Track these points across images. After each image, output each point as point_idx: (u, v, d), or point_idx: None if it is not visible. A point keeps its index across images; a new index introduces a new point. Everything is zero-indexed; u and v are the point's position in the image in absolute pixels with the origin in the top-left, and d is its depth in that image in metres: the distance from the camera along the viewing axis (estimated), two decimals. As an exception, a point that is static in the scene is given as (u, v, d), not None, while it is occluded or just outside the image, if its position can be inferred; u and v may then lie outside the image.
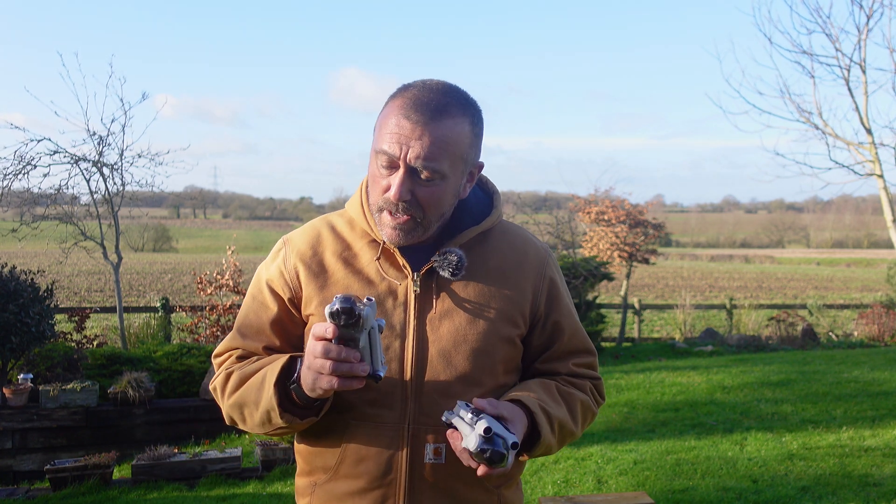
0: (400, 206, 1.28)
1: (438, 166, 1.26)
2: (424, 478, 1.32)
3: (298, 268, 1.38)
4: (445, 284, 1.36)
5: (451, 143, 1.27)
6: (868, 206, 72.22)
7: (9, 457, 5.95)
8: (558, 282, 1.45)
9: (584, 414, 1.44)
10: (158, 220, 62.71)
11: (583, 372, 1.46)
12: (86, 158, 8.17)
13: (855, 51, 8.71)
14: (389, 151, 1.26)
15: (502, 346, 1.36)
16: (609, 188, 12.96)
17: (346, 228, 1.42)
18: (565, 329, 1.44)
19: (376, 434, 1.32)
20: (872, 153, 8.82)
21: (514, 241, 1.44)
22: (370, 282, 1.36)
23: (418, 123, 1.25)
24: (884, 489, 4.19)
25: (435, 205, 1.30)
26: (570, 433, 1.40)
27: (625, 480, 4.52)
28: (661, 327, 14.64)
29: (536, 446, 1.32)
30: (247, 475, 5.12)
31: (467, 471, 1.27)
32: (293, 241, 1.43)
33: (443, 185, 1.29)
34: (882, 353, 9.32)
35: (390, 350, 1.32)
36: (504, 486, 1.41)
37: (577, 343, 1.46)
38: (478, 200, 1.45)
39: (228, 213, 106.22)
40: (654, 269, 24.69)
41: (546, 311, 1.42)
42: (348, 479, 1.34)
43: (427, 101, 1.26)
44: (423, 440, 1.32)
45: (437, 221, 1.34)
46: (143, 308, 10.49)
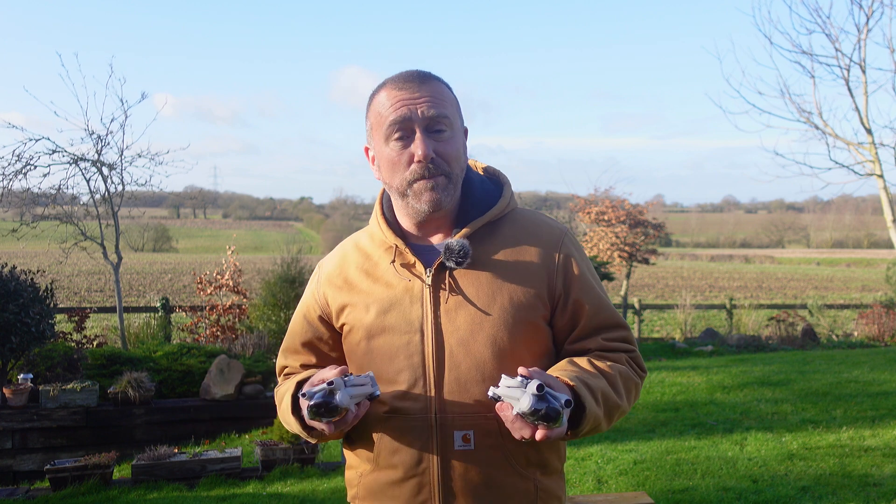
0: (430, 167, 1.36)
1: (447, 112, 1.38)
2: (456, 466, 1.36)
3: (326, 290, 1.52)
4: (457, 276, 1.40)
5: (445, 96, 1.40)
6: (868, 206, 72.22)
7: (9, 457, 5.95)
8: (576, 260, 1.45)
9: (627, 385, 1.41)
10: (158, 220, 62.74)
11: (615, 346, 1.45)
12: (85, 158, 8.17)
13: (855, 51, 8.72)
14: (401, 117, 1.35)
15: (521, 330, 1.38)
16: (609, 188, 13.01)
17: (368, 242, 1.52)
18: (587, 306, 1.43)
19: (406, 426, 1.37)
20: (872, 153, 8.82)
21: (526, 226, 1.46)
22: (389, 284, 1.43)
23: (413, 88, 1.37)
24: (884, 489, 4.19)
25: (455, 157, 1.39)
26: (616, 406, 1.37)
27: (625, 480, 4.52)
28: (661, 327, 14.64)
29: (583, 420, 1.29)
30: (247, 475, 5.12)
31: (498, 456, 1.35)
32: (324, 266, 1.58)
33: (454, 138, 1.39)
34: (882, 353, 9.32)
35: (411, 345, 1.39)
36: (542, 473, 1.42)
37: (604, 318, 1.45)
38: (486, 192, 1.49)
39: (228, 213, 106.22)
40: (654, 269, 24.69)
41: (565, 290, 1.42)
42: (387, 469, 1.40)
43: (409, 74, 1.40)
44: (451, 428, 1.36)
45: (460, 178, 1.42)
46: (143, 308, 10.50)
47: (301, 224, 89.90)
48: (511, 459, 1.38)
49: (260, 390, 6.45)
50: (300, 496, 4.58)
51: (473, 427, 1.35)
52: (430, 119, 1.35)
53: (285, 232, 71.03)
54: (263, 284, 8.70)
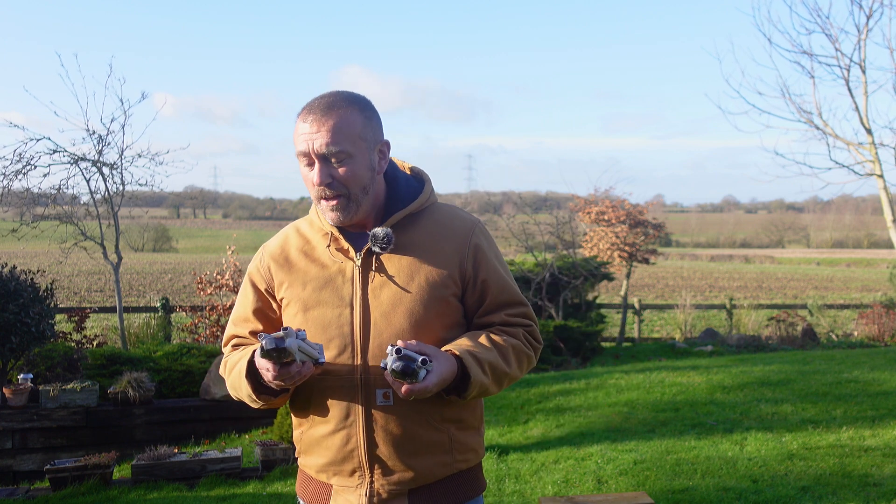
0: (326, 190, 1.59)
1: (341, 147, 1.57)
2: (378, 419, 1.60)
3: (270, 264, 1.73)
4: (382, 260, 1.64)
5: (344, 128, 1.58)
6: (868, 206, 72.20)
7: (9, 457, 5.95)
8: (484, 247, 1.69)
9: (518, 356, 1.67)
10: (158, 220, 62.69)
11: (515, 321, 1.70)
12: (85, 158, 8.17)
13: (855, 51, 8.74)
14: (303, 150, 1.59)
15: (435, 305, 1.62)
16: (609, 188, 12.96)
17: (308, 228, 1.76)
18: (492, 285, 1.68)
19: (336, 385, 1.61)
20: (872, 153, 8.83)
21: (442, 218, 1.71)
22: (324, 265, 1.67)
23: (314, 121, 1.58)
24: (884, 489, 4.19)
25: (353, 179, 1.60)
26: (505, 373, 1.63)
27: (625, 480, 4.52)
28: (661, 327, 14.64)
29: (469, 386, 1.55)
30: (247, 475, 5.12)
31: (416, 412, 1.59)
32: (268, 245, 1.79)
33: (352, 163, 1.59)
34: (882, 353, 9.31)
35: (342, 317, 1.62)
36: (457, 428, 1.65)
37: (506, 296, 1.69)
38: (410, 188, 1.72)
39: (228, 213, 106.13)
40: (654, 269, 24.69)
41: (474, 272, 1.67)
42: (321, 425, 1.64)
43: (318, 104, 1.60)
44: (374, 387, 1.59)
45: (365, 196, 1.63)
46: (143, 308, 10.49)
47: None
48: (426, 415, 1.60)
49: (260, 390, 6.44)
50: (300, 496, 4.58)
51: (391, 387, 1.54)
52: (324, 154, 1.57)
53: (285, 232, 70.83)
54: (263, 284, 8.68)
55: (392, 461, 1.60)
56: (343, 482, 1.64)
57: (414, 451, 1.61)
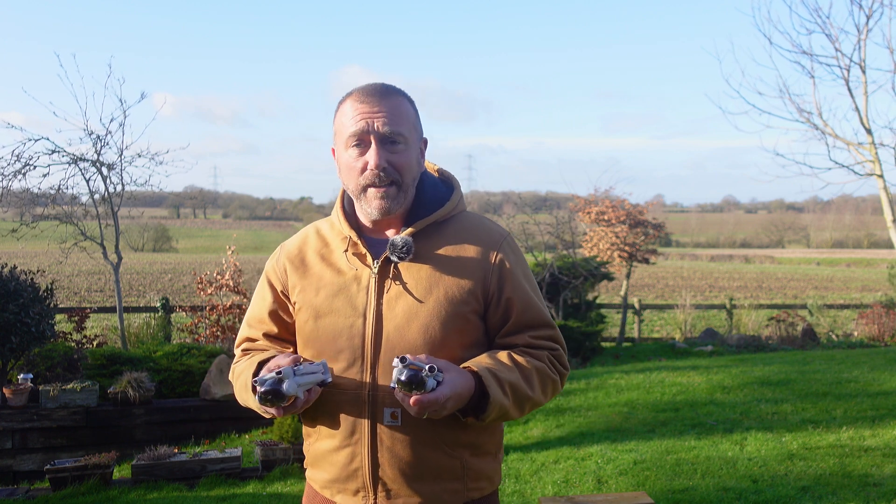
0: (381, 176, 1.49)
1: (401, 129, 1.50)
2: (384, 439, 1.50)
3: (286, 265, 1.64)
4: (401, 269, 1.53)
5: (402, 112, 1.52)
6: (868, 206, 72.21)
7: (9, 457, 5.95)
8: (511, 262, 1.58)
9: (543, 380, 1.54)
10: (158, 220, 62.72)
11: (540, 343, 1.58)
12: (85, 158, 8.17)
13: (855, 51, 8.73)
14: (359, 129, 1.48)
15: (453, 322, 1.50)
16: (609, 188, 12.95)
17: (327, 230, 1.66)
18: (517, 304, 1.56)
19: (343, 400, 1.52)
20: (872, 153, 8.82)
21: (469, 228, 1.60)
22: (340, 271, 1.58)
23: (373, 102, 1.49)
24: (884, 489, 4.18)
25: (407, 168, 1.52)
26: (527, 397, 1.51)
27: (625, 480, 4.52)
28: (661, 327, 14.63)
29: (488, 406, 1.44)
30: (247, 475, 5.12)
31: (427, 434, 1.48)
32: (286, 245, 1.70)
33: (407, 151, 1.52)
34: (882, 353, 9.31)
35: (353, 328, 1.52)
36: (472, 454, 1.54)
37: (531, 317, 1.57)
38: (437, 193, 1.62)
39: (228, 213, 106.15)
40: (654, 269, 24.69)
41: (498, 290, 1.55)
42: (327, 439, 1.56)
43: (374, 88, 1.53)
44: (382, 405, 1.49)
45: (412, 186, 1.55)
46: (143, 308, 10.49)
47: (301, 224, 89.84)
48: (438, 438, 1.50)
49: (260, 390, 6.44)
50: (300, 496, 4.58)
51: (401, 406, 1.45)
52: (384, 133, 1.48)
53: (285, 232, 71.00)
54: (263, 284, 8.67)
55: (397, 485, 1.51)
56: (347, 500, 1.56)
57: (421, 476, 1.50)
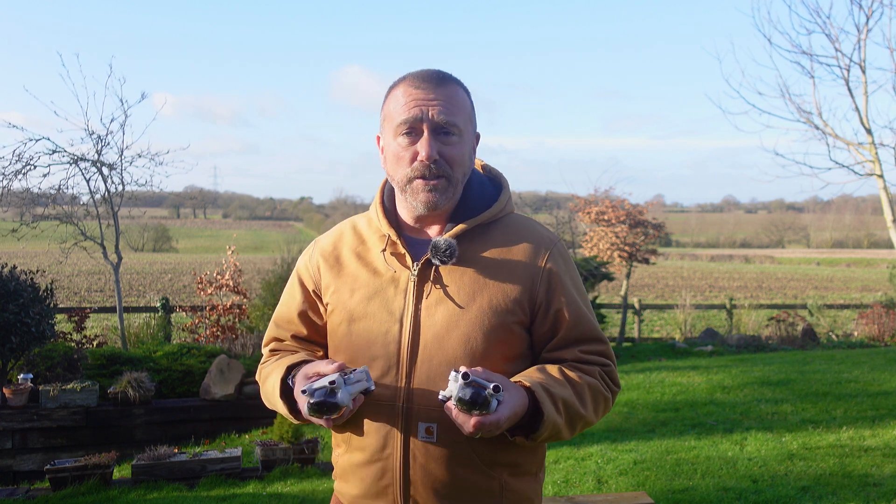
0: (432, 168, 1.38)
1: (456, 120, 1.39)
2: (417, 455, 1.39)
3: (319, 262, 1.55)
4: (442, 273, 1.43)
5: (459, 102, 1.42)
6: (868, 206, 72.18)
7: (9, 457, 5.95)
8: (561, 271, 1.46)
9: (595, 398, 1.42)
10: (158, 220, 62.71)
11: (591, 359, 1.46)
12: (85, 158, 8.17)
13: (855, 51, 8.72)
14: (412, 117, 1.38)
15: (497, 333, 1.39)
16: (609, 188, 12.96)
17: (365, 226, 1.55)
18: (567, 317, 1.44)
19: (375, 411, 1.41)
20: (872, 153, 8.82)
21: (518, 232, 1.48)
22: (376, 271, 1.47)
23: (430, 89, 1.39)
24: (884, 489, 4.19)
25: (459, 162, 1.41)
26: (580, 416, 1.39)
27: (625, 480, 4.52)
28: (661, 327, 14.63)
29: (542, 424, 1.32)
30: (247, 475, 5.12)
31: (464, 452, 1.37)
32: (321, 241, 1.60)
33: (461, 143, 1.41)
34: (882, 353, 9.31)
35: (389, 334, 1.42)
36: (511, 474, 1.43)
37: (582, 331, 1.46)
38: (484, 193, 1.51)
39: (228, 213, 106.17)
40: (654, 269, 24.69)
41: (546, 300, 1.44)
42: (357, 451, 1.45)
43: (430, 74, 1.42)
44: (416, 419, 1.38)
45: (462, 182, 1.44)
46: (143, 308, 10.49)
47: (301, 224, 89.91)
48: (477, 457, 1.39)
49: (260, 390, 6.44)
50: (300, 496, 4.58)
51: (438, 421, 1.36)
52: (439, 123, 1.38)
53: (285, 232, 70.99)
54: (263, 284, 8.70)
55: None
56: None
57: (457, 497, 1.40)
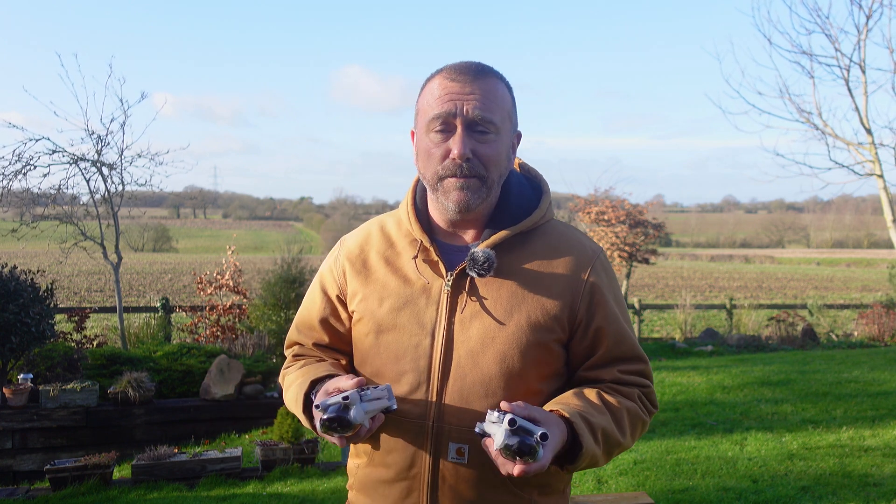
0: (464, 166, 1.30)
1: (493, 117, 1.31)
2: (447, 476, 1.32)
3: (345, 266, 1.46)
4: (478, 285, 1.34)
5: (498, 97, 1.33)
6: (868, 206, 72.24)
7: (9, 457, 5.95)
8: (604, 286, 1.38)
9: (633, 423, 1.37)
10: (158, 220, 62.75)
11: (630, 379, 1.39)
12: (85, 158, 8.18)
13: (854, 51, 8.73)
14: (445, 111, 1.30)
15: (533, 351, 1.32)
16: (609, 188, 12.97)
17: (394, 228, 1.46)
18: (609, 335, 1.37)
19: (403, 428, 1.34)
20: (872, 153, 8.83)
21: (558, 244, 1.40)
22: (407, 279, 1.38)
23: (466, 82, 1.30)
24: (884, 489, 4.19)
25: (495, 161, 1.32)
26: (617, 443, 1.33)
27: (625, 480, 4.52)
28: (661, 327, 14.63)
29: (580, 457, 1.26)
30: (247, 475, 5.12)
31: (493, 475, 1.26)
32: (346, 242, 1.51)
33: (498, 141, 1.32)
34: (882, 353, 9.32)
35: (419, 348, 1.34)
36: (541, 493, 1.37)
37: (623, 350, 1.39)
38: (523, 197, 1.43)
39: (228, 213, 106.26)
40: (654, 269, 24.68)
41: (587, 317, 1.36)
42: (381, 467, 1.38)
43: (467, 66, 1.33)
44: (447, 439, 1.31)
45: (498, 184, 1.36)
46: (143, 308, 10.49)
47: (301, 224, 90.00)
48: (507, 479, 1.31)
49: (260, 390, 6.44)
50: (300, 496, 4.58)
51: (469, 442, 1.30)
52: (473, 119, 1.30)
53: (285, 232, 71.02)
54: (263, 284, 8.69)
55: None
56: None
57: None
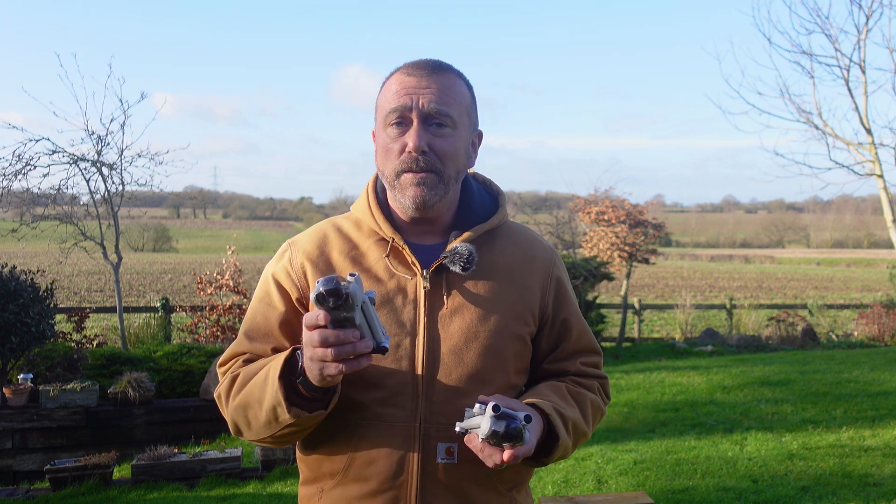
0: (420, 160, 1.29)
1: (449, 111, 1.30)
2: (437, 479, 1.29)
3: (305, 266, 1.36)
4: (455, 282, 1.34)
5: (455, 91, 1.32)
6: (868, 206, 72.28)
7: (9, 457, 5.95)
8: (565, 281, 1.45)
9: (595, 414, 1.43)
10: (158, 220, 62.76)
11: (591, 371, 1.45)
12: (85, 158, 8.18)
13: (854, 51, 8.73)
14: (401, 105, 1.29)
15: (513, 345, 1.35)
16: (609, 188, 12.95)
17: (352, 229, 1.41)
18: (573, 328, 1.43)
19: (387, 434, 1.28)
20: (872, 153, 8.83)
21: (521, 241, 1.44)
22: (379, 279, 1.33)
23: (423, 76, 1.30)
24: (884, 489, 4.19)
25: (451, 156, 1.31)
26: (583, 434, 1.39)
27: (625, 480, 4.52)
28: (661, 327, 14.63)
29: (555, 449, 1.29)
30: (247, 475, 5.12)
31: (480, 472, 1.28)
32: (299, 242, 1.41)
33: (455, 136, 1.31)
34: (882, 353, 9.32)
35: (401, 348, 1.30)
36: (517, 490, 1.39)
37: (584, 342, 1.45)
38: (483, 201, 1.45)
39: (228, 213, 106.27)
40: (654, 269, 24.68)
41: (554, 311, 1.41)
42: (358, 482, 1.29)
43: (425, 62, 1.34)
44: (435, 439, 1.29)
45: (453, 185, 1.35)
46: (143, 308, 10.49)
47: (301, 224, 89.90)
48: (493, 476, 1.32)
49: (260, 390, 6.44)
50: (300, 496, 4.58)
51: (458, 440, 1.28)
52: (429, 113, 1.29)
53: (285, 232, 71.01)
54: (263, 284, 8.68)
55: None
56: None
57: None
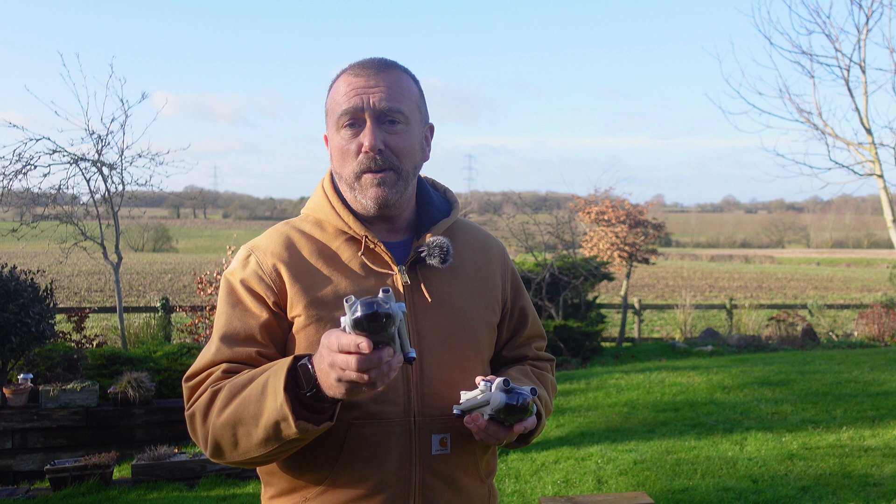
0: (378, 158, 1.28)
1: (401, 107, 1.30)
2: (435, 470, 1.29)
3: (279, 268, 1.30)
4: (430, 276, 1.35)
5: (404, 87, 1.33)
6: (868, 206, 72.28)
7: (9, 457, 5.95)
8: (516, 272, 1.54)
9: (553, 393, 1.53)
10: (158, 220, 62.71)
11: (543, 355, 1.55)
12: (85, 158, 8.17)
13: (854, 51, 8.73)
14: (352, 106, 1.29)
15: (487, 333, 1.41)
16: (609, 188, 12.96)
17: (315, 230, 1.37)
18: (529, 315, 1.52)
19: (383, 432, 1.26)
20: (872, 153, 8.83)
21: (477, 235, 1.50)
22: (355, 277, 1.31)
23: (370, 75, 1.30)
24: (884, 489, 4.19)
25: (408, 152, 1.32)
26: (550, 413, 1.49)
27: (625, 480, 4.52)
28: (661, 327, 14.63)
29: (537, 429, 1.36)
30: (247, 475, 5.12)
31: (468, 461, 1.34)
32: (261, 246, 1.34)
33: (408, 132, 1.32)
34: (882, 353, 9.31)
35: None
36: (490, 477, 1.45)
37: (537, 328, 1.54)
38: (438, 198, 1.48)
39: (228, 213, 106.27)
40: (654, 269, 24.68)
41: (513, 300, 1.49)
42: (350, 485, 1.25)
43: (371, 61, 1.34)
44: (429, 432, 1.29)
45: (412, 180, 1.35)
46: (143, 308, 10.49)
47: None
48: (478, 463, 1.37)
49: (260, 390, 6.44)
50: (300, 496, 4.58)
51: (451, 430, 1.30)
52: (381, 110, 1.29)
53: (285, 232, 70.85)
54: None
55: None
56: None
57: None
